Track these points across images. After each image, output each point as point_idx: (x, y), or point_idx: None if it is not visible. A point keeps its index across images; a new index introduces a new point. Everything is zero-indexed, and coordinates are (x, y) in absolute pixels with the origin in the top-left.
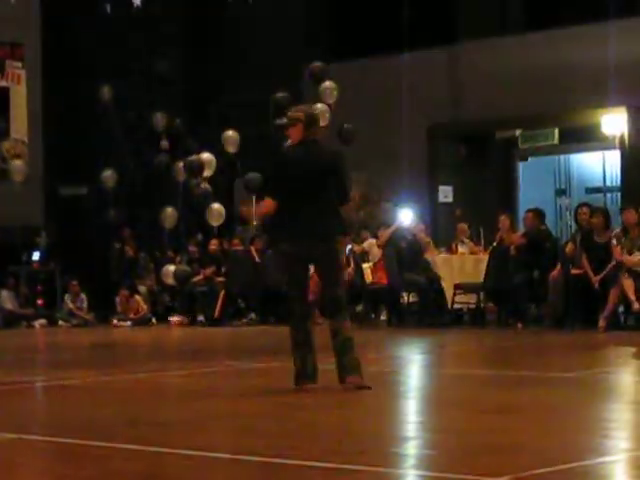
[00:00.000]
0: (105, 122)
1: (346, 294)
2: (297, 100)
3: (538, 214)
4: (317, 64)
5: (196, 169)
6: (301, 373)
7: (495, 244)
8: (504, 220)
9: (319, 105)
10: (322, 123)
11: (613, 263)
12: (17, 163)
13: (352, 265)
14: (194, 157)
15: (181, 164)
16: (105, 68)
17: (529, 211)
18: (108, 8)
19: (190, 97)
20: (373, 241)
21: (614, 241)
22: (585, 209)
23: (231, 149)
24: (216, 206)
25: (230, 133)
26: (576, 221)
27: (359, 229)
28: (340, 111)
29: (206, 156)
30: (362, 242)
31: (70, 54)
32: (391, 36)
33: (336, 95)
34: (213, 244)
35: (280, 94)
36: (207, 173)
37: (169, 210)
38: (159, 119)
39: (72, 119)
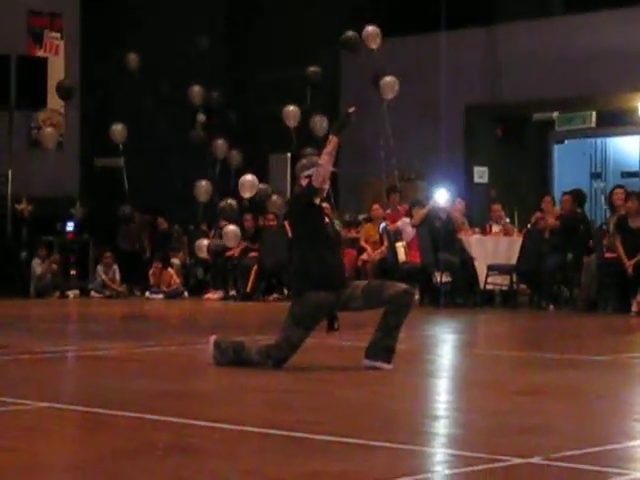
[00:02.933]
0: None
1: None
2: (335, 73)
3: (576, 197)
4: (350, 33)
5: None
6: None
7: (530, 226)
8: (548, 202)
9: (388, 78)
10: (391, 95)
11: None
12: (48, 130)
13: (385, 244)
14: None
15: None
16: (144, 39)
17: (567, 193)
18: None
19: (229, 70)
20: (407, 220)
21: None
22: (620, 190)
23: (292, 123)
24: (249, 177)
25: (291, 108)
26: (610, 203)
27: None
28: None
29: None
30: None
31: (109, 25)
32: (431, 14)
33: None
34: (247, 219)
35: (313, 69)
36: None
37: (203, 184)
38: (196, 92)
39: (110, 90)
